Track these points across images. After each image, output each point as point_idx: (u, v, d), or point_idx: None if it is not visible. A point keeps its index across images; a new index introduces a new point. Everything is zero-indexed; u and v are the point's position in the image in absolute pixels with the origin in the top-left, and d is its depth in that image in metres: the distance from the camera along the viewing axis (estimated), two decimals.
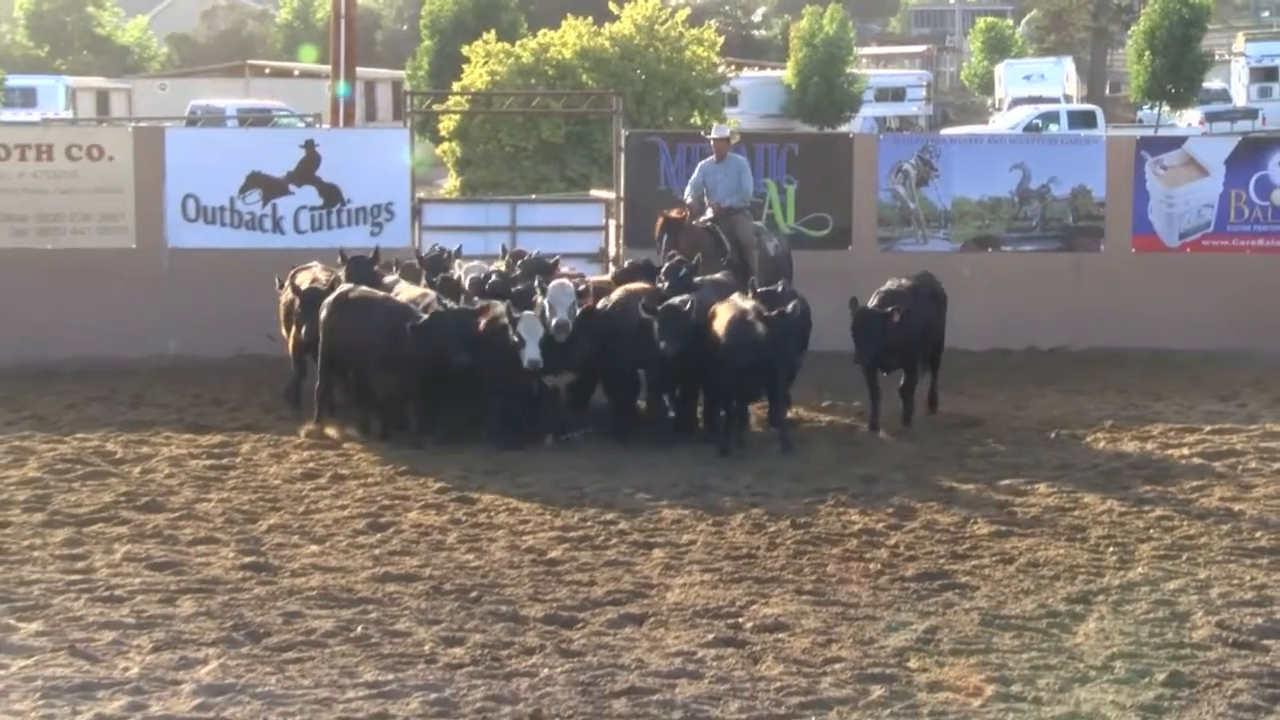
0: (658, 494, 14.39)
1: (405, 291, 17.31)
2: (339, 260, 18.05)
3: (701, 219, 19.24)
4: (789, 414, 16.89)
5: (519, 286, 16.85)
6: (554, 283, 16.37)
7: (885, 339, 16.53)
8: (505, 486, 14.59)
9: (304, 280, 17.70)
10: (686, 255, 18.01)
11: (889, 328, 16.44)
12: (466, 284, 17.33)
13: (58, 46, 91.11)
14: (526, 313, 15.91)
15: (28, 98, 67.20)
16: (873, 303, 16.78)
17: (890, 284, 17.21)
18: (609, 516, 13.64)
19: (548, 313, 15.86)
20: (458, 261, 18.45)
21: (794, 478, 15.07)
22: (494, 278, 17.66)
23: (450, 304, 16.13)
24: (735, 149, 20.15)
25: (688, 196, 19.57)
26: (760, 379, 16.14)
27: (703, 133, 21.76)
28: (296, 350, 17.78)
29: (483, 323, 15.73)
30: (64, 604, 11.28)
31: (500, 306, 15.95)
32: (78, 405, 18.31)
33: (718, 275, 17.75)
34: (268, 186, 21.73)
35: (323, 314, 16.53)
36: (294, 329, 17.64)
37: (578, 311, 15.98)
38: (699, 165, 19.97)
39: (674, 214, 19.13)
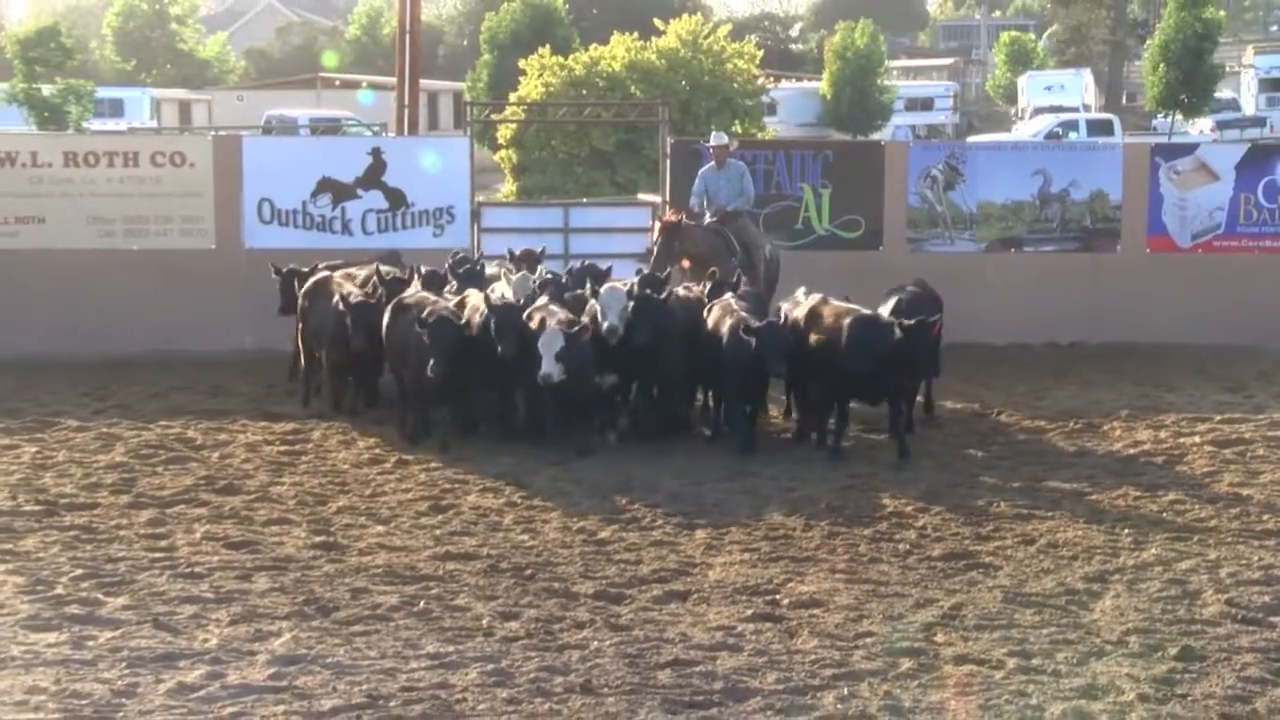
0: (700, 479, 14.39)
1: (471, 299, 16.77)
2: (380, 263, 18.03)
3: (705, 222, 19.04)
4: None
5: (573, 292, 16.72)
6: (606, 286, 16.11)
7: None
8: (557, 473, 14.59)
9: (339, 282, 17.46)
10: (697, 258, 17.91)
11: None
12: (512, 291, 16.68)
13: (143, 61, 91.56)
14: (608, 288, 15.83)
15: (116, 108, 67.55)
16: (887, 310, 16.25)
17: (896, 294, 16.81)
18: (655, 500, 13.65)
19: (599, 315, 15.52)
20: (505, 267, 18.18)
21: (828, 464, 15.04)
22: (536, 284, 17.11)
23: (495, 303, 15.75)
24: (734, 155, 19.99)
25: (692, 203, 19.50)
26: (893, 382, 15.42)
27: (702, 141, 21.58)
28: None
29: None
30: (148, 580, 11.34)
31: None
32: (161, 395, 18.39)
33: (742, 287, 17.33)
34: (337, 191, 21.80)
35: (387, 318, 16.29)
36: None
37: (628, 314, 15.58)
38: (699, 172, 19.78)
39: (670, 217, 18.93)
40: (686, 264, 18.26)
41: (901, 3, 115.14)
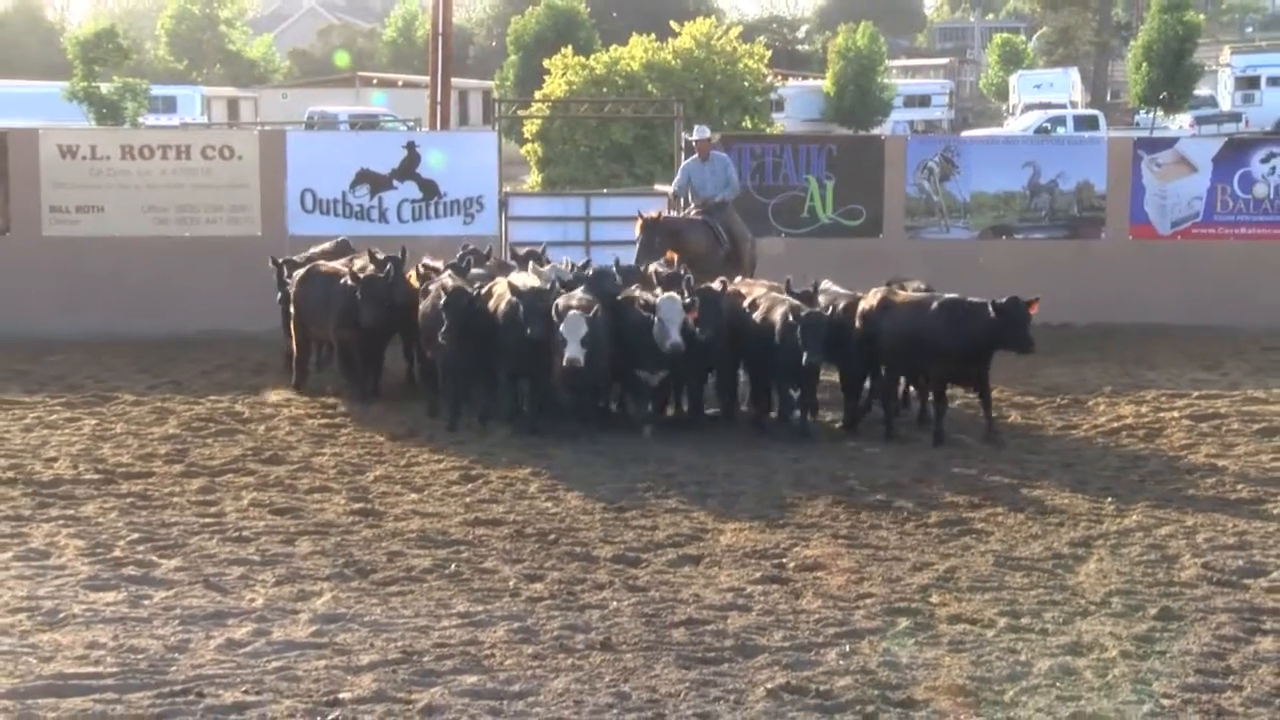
0: (711, 452, 14.38)
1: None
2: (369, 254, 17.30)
3: (686, 213, 18.69)
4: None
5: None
6: (664, 298, 14.98)
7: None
8: (579, 446, 14.58)
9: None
10: (684, 251, 17.38)
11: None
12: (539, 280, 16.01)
13: (194, 61, 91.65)
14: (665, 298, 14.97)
15: (169, 105, 67.63)
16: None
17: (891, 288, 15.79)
18: (670, 471, 13.64)
19: (660, 331, 14.63)
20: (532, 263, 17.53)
21: (831, 440, 15.03)
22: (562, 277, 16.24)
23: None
24: (715, 148, 19.68)
25: (672, 195, 19.18)
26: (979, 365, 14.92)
27: (684, 135, 21.39)
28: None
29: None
30: (199, 543, 11.37)
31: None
32: (210, 372, 18.42)
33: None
34: (375, 182, 21.82)
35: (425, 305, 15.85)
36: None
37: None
38: (683, 166, 19.40)
39: (651, 214, 18.43)
40: (673, 256, 17.57)
41: (900, 6, 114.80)
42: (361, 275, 16.30)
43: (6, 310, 20.48)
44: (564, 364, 14.33)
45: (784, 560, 11.00)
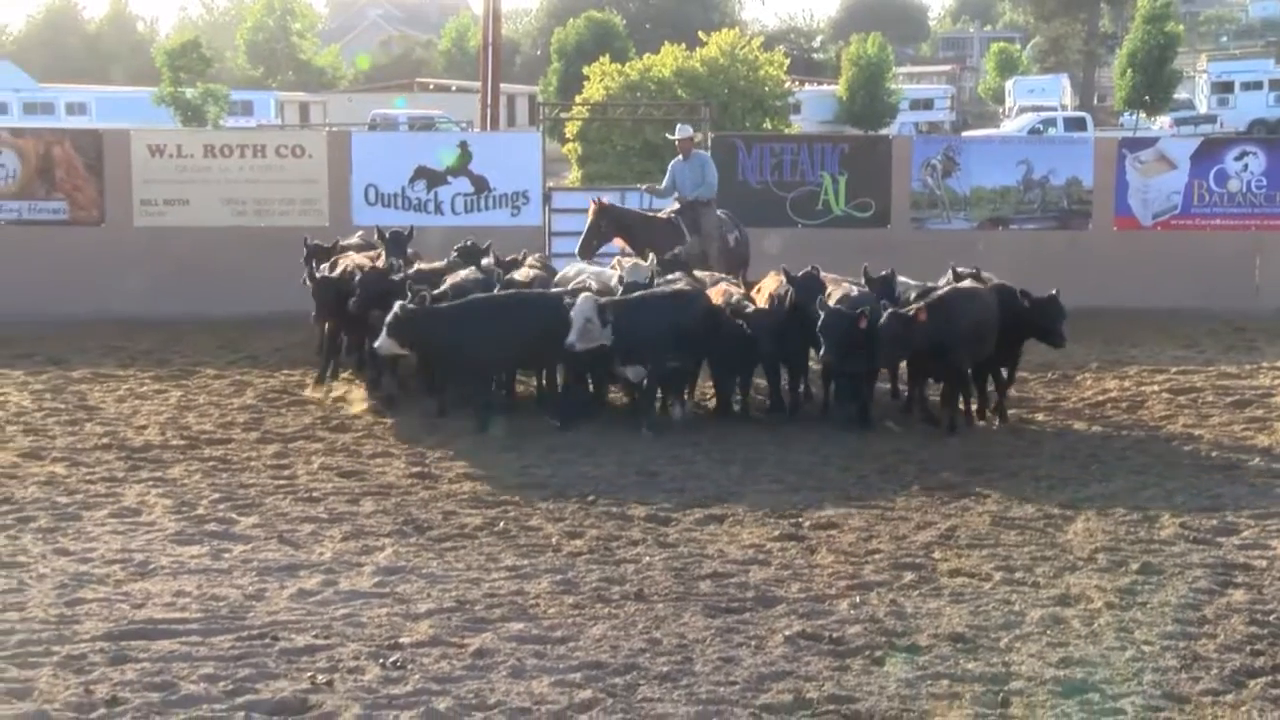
0: (734, 425, 14.33)
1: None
2: (377, 238, 16.92)
3: (666, 211, 18.28)
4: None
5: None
6: (582, 297, 13.68)
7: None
8: (615, 416, 14.55)
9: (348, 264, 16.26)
10: (636, 243, 16.91)
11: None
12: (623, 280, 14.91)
13: (270, 68, 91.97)
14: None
15: (246, 108, 67.93)
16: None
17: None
18: (697, 438, 13.62)
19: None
20: (618, 259, 16.67)
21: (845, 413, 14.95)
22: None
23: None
24: (699, 146, 19.35)
25: (660, 190, 18.71)
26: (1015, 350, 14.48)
27: (667, 134, 21.16)
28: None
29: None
30: (274, 503, 11.41)
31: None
32: (283, 349, 18.45)
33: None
34: (431, 178, 21.81)
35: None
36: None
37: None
38: (670, 164, 18.85)
39: (604, 201, 18.16)
40: (620, 243, 17.35)
41: (907, 17, 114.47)
42: (366, 269, 15.67)
43: (102, 293, 20.56)
44: (565, 345, 13.36)
45: (800, 520, 10.99)
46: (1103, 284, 20.77)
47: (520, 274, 15.72)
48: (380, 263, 16.04)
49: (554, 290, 14.55)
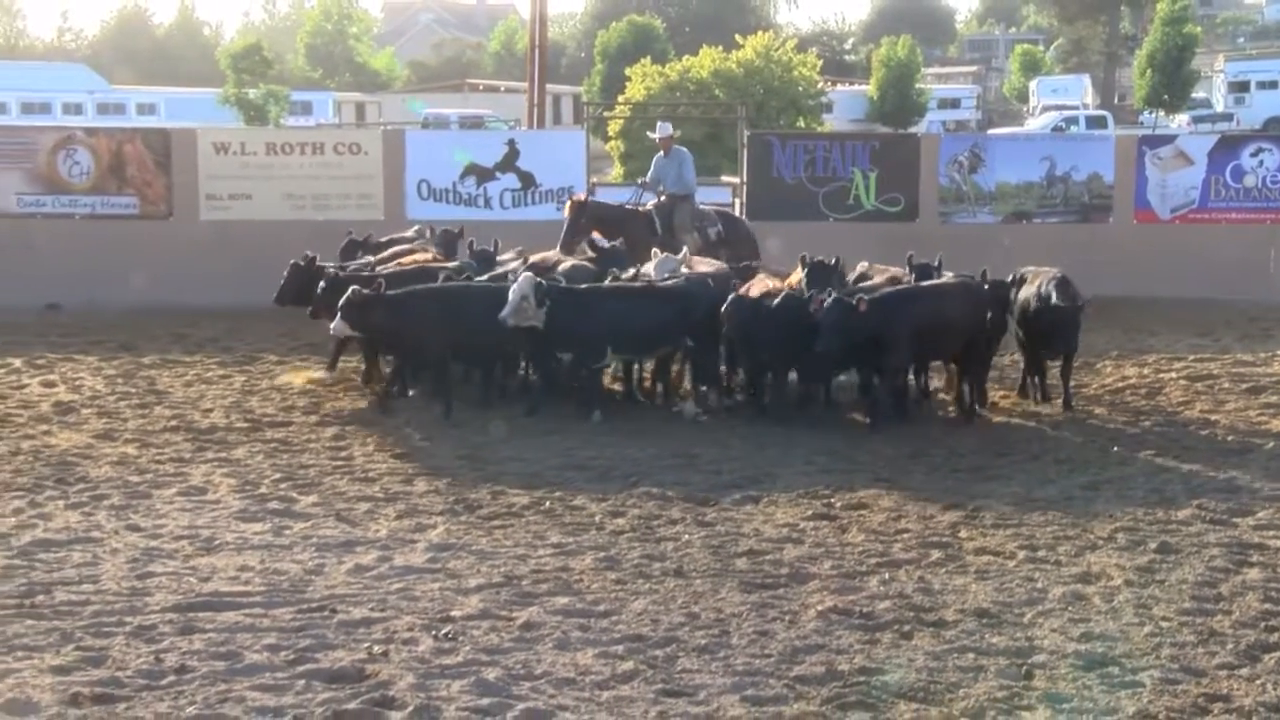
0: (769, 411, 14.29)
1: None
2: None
3: (646, 206, 18.17)
4: None
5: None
6: (524, 275, 13.66)
7: None
8: (654, 404, 14.55)
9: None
10: (612, 236, 16.66)
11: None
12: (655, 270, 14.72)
13: (328, 70, 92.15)
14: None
15: (306, 108, 68.06)
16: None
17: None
18: (733, 423, 13.60)
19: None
20: (655, 251, 15.97)
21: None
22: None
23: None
24: (678, 143, 18.96)
25: (643, 184, 18.56)
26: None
27: (648, 133, 21.03)
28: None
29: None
30: (331, 483, 11.46)
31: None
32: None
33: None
34: (480, 174, 21.84)
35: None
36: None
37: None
38: (654, 160, 18.74)
39: (580, 196, 18.02)
40: (597, 234, 17.12)
41: (935, 21, 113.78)
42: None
43: (170, 282, 20.65)
44: (499, 318, 13.18)
45: (832, 500, 10.97)
46: (1123, 275, 20.63)
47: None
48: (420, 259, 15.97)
49: (499, 283, 14.18)
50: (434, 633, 8.08)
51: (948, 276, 14.35)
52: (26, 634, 8.03)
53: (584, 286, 14.11)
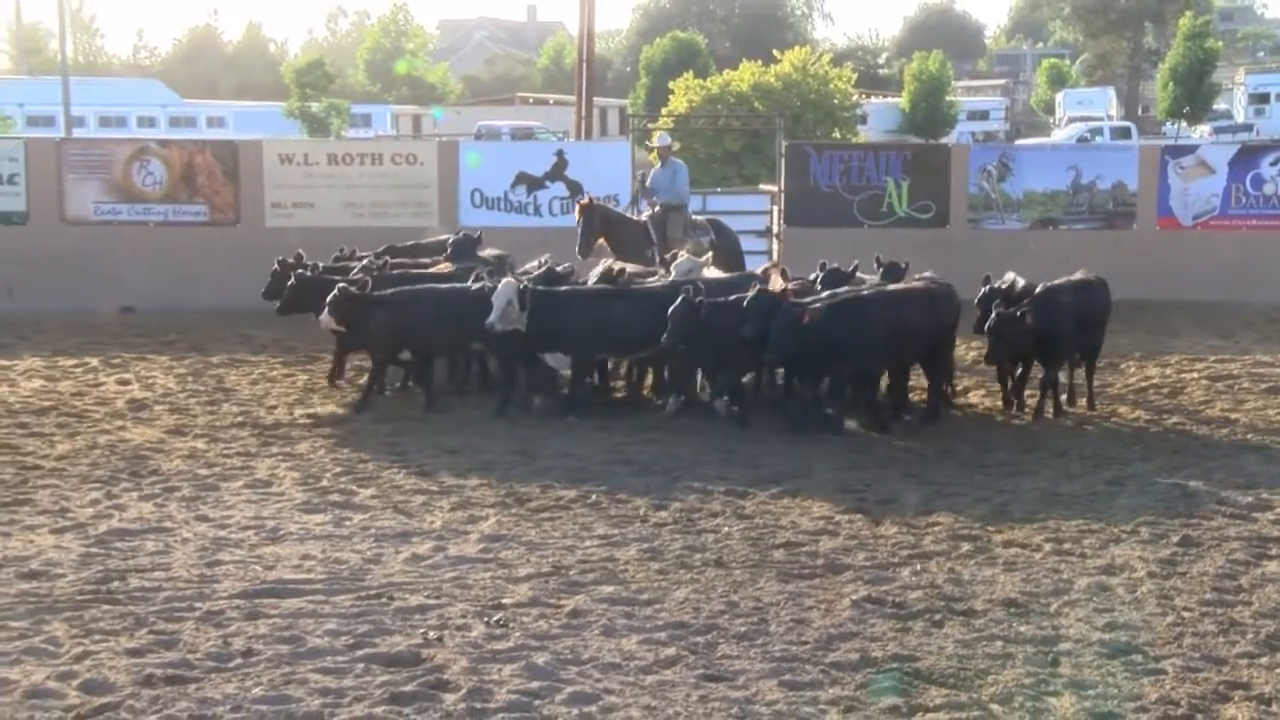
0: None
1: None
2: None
3: (642, 215, 18.11)
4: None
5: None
6: (504, 282, 13.54)
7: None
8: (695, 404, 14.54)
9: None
10: (613, 241, 16.69)
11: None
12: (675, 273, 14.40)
13: (386, 84, 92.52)
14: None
15: (365, 121, 68.44)
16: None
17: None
18: (771, 419, 13.55)
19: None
20: (683, 252, 15.82)
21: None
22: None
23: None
24: (675, 154, 18.97)
25: (642, 193, 18.46)
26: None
27: (647, 142, 20.91)
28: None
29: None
30: (389, 476, 11.49)
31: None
32: None
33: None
34: (530, 183, 21.87)
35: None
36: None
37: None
38: (652, 170, 18.64)
39: (587, 200, 17.92)
40: (602, 242, 17.12)
41: (965, 36, 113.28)
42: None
43: (237, 286, 20.60)
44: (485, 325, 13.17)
45: (865, 494, 10.93)
46: (1146, 280, 20.46)
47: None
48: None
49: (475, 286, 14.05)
50: (486, 619, 8.10)
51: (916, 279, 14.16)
52: (103, 618, 8.10)
53: (563, 289, 13.90)
